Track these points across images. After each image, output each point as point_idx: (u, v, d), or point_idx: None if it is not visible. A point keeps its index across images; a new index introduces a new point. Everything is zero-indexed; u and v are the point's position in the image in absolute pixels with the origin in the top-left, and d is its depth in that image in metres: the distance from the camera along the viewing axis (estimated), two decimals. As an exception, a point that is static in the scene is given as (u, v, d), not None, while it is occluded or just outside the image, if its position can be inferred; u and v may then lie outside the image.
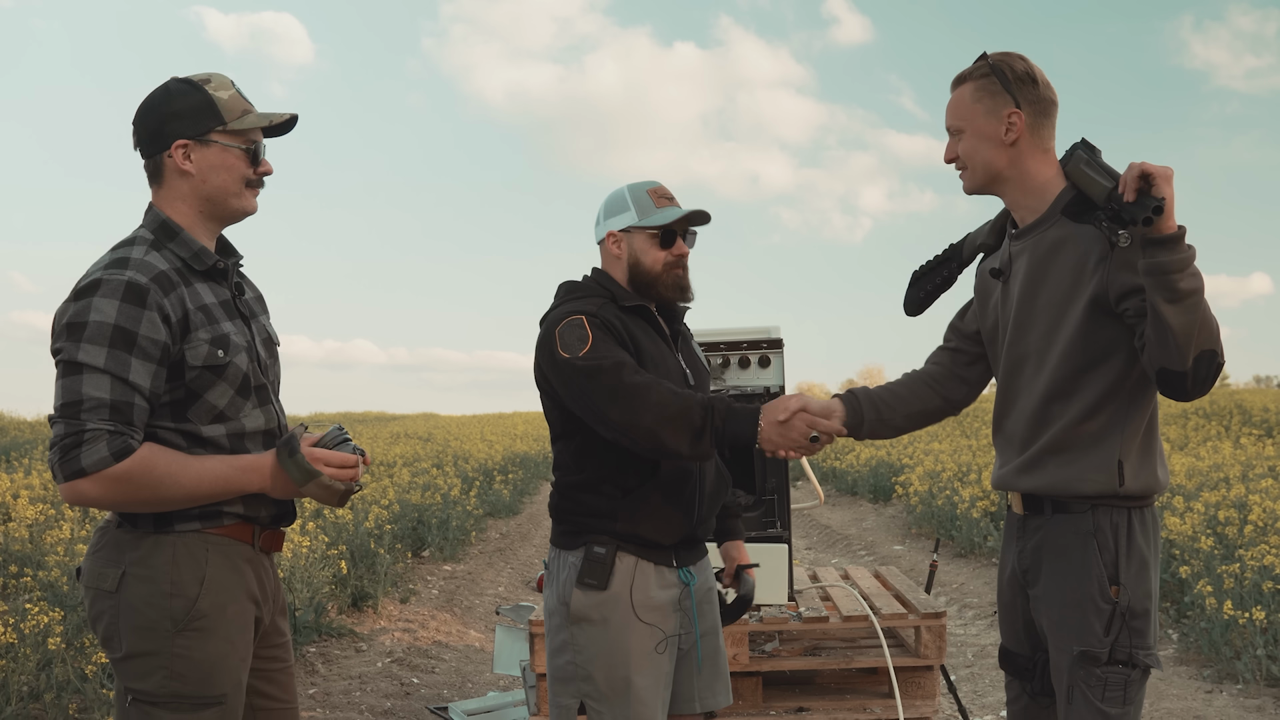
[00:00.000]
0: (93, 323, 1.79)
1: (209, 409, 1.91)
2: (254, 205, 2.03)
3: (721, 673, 2.43)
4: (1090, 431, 2.07)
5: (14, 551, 5.96)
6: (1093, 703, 2.04)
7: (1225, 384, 50.50)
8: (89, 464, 1.76)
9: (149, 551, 1.87)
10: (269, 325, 2.14)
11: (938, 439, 15.71)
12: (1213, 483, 8.14)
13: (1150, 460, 2.10)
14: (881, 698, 3.48)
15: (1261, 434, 13.36)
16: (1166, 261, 1.84)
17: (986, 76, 2.14)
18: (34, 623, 3.85)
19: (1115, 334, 2.03)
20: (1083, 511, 2.08)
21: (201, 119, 1.93)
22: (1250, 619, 4.84)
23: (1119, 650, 2.03)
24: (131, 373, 1.80)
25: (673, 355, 2.40)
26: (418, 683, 5.27)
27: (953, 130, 2.20)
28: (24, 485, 8.77)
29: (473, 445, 17.50)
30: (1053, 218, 2.11)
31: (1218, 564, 5.62)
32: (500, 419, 37.17)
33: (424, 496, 9.22)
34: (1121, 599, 2.04)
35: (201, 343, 1.88)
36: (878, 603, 3.59)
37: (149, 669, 1.85)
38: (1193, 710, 4.51)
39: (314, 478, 1.91)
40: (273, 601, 2.06)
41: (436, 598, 7.46)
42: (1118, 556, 2.05)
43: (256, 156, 1.99)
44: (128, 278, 1.82)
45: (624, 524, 2.27)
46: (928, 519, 10.02)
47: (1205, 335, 1.88)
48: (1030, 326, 2.13)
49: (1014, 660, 2.29)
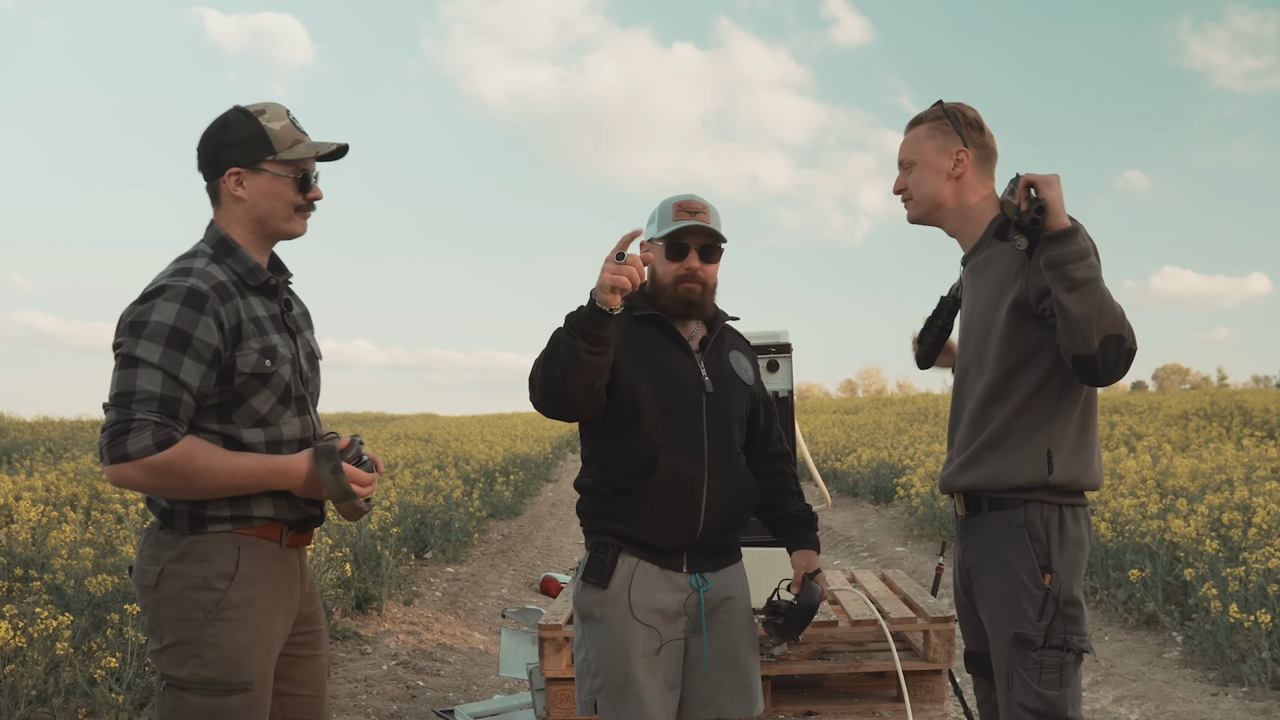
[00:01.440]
0: (153, 323, 1.93)
1: (252, 413, 2.04)
2: (303, 228, 2.15)
3: (741, 682, 2.40)
4: (1020, 427, 2.24)
5: (17, 554, 5.95)
6: (1030, 686, 2.16)
7: (1224, 384, 50.53)
8: (133, 450, 1.89)
9: (185, 550, 2.00)
10: (313, 340, 2.27)
11: (938, 440, 15.70)
12: (1215, 485, 8.14)
13: (1082, 454, 2.25)
14: (890, 701, 3.48)
15: (1263, 435, 13.36)
16: (1060, 254, 2.06)
17: (940, 119, 2.37)
18: (42, 626, 3.85)
19: (1039, 336, 2.20)
20: (1015, 507, 2.23)
21: (254, 149, 2.06)
22: (1255, 622, 4.85)
23: (1053, 635, 2.17)
24: (183, 371, 1.93)
25: (688, 363, 2.39)
26: (423, 685, 5.27)
27: (904, 164, 2.42)
28: (26, 487, 8.77)
29: (473, 446, 17.48)
30: (987, 241, 2.33)
31: (1222, 566, 5.62)
32: (500, 419, 37.19)
33: (426, 498, 9.22)
34: (1053, 585, 2.17)
35: (252, 351, 2.01)
36: (885, 606, 3.59)
37: (183, 657, 1.97)
38: (1198, 713, 4.52)
39: (350, 499, 2.04)
40: (302, 594, 2.18)
41: (440, 600, 7.46)
42: (1049, 546, 2.20)
43: (306, 183, 2.12)
44: (190, 284, 1.97)
45: (624, 526, 2.33)
46: (930, 520, 10.02)
47: (1108, 320, 2.05)
48: (970, 339, 2.34)
49: (978, 661, 2.41)
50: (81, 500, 8.37)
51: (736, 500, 2.40)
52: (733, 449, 2.40)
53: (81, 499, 8.42)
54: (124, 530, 6.36)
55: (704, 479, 2.33)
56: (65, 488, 8.87)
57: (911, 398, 40.13)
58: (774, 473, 2.57)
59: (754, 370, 2.54)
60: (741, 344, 2.57)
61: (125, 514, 7.10)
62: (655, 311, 2.40)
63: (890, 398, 45.62)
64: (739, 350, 2.53)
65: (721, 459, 2.36)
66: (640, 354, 2.34)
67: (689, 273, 2.36)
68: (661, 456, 2.30)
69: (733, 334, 2.56)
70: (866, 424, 22.88)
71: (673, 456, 2.31)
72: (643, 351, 2.35)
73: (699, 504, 2.32)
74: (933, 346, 2.64)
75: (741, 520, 2.45)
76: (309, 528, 2.19)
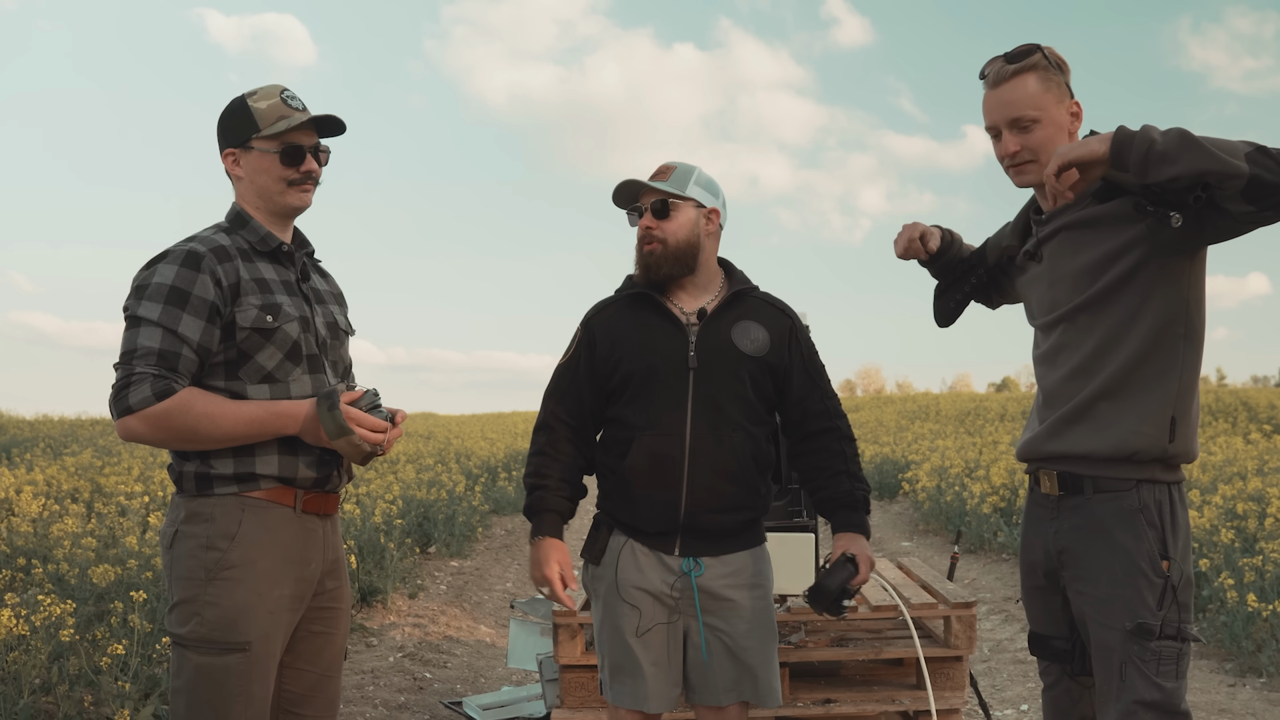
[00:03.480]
0: (154, 284, 2.05)
1: (258, 369, 2.11)
2: (302, 200, 2.21)
3: (747, 672, 2.35)
4: (1145, 377, 2.06)
5: (18, 546, 5.89)
6: (1149, 677, 2.03)
7: (1223, 384, 50.55)
8: (135, 402, 1.98)
9: (193, 512, 2.08)
10: (339, 314, 2.34)
11: (942, 436, 15.67)
12: (1227, 476, 8.10)
13: (1193, 422, 2.11)
14: (909, 689, 3.43)
15: (1270, 429, 13.33)
16: (1141, 156, 1.84)
17: (1048, 69, 2.11)
18: (45, 614, 3.79)
19: (1165, 290, 2.03)
20: (1127, 489, 2.07)
21: (242, 128, 2.17)
22: (1273, 612, 4.80)
23: (1169, 624, 2.03)
24: (181, 326, 2.02)
25: (676, 340, 2.35)
26: (430, 677, 5.22)
27: (1024, 121, 2.11)
28: (26, 481, 8.71)
29: (474, 443, 17.44)
30: (1084, 201, 2.11)
31: (1238, 557, 5.57)
32: (500, 418, 37.09)
33: (429, 493, 9.17)
34: (1172, 573, 2.04)
35: (251, 307, 2.09)
36: (905, 593, 3.54)
37: (187, 615, 2.05)
38: (1217, 704, 4.47)
39: (346, 434, 2.07)
40: (325, 565, 2.21)
41: (445, 593, 7.41)
42: (1164, 532, 2.05)
43: (292, 156, 2.17)
44: (189, 247, 2.09)
45: (613, 506, 2.37)
46: (936, 515, 9.97)
47: (1226, 145, 1.82)
48: (1064, 299, 2.13)
49: (1049, 644, 2.26)
50: (83, 494, 8.31)
51: (729, 480, 2.31)
52: (724, 428, 2.30)
53: (83, 493, 8.36)
54: (127, 522, 6.30)
55: (684, 460, 2.28)
56: (66, 482, 8.81)
57: (911, 396, 40.12)
58: (813, 451, 2.41)
59: (770, 340, 2.38)
60: (763, 312, 2.43)
61: (128, 505, 7.05)
62: (643, 290, 2.39)
63: (890, 396, 45.59)
64: (752, 319, 2.39)
65: (707, 439, 2.29)
66: (626, 338, 2.36)
67: (645, 232, 2.36)
68: (638, 439, 2.30)
69: (753, 302, 2.44)
70: (868, 421, 22.86)
71: (650, 439, 2.30)
72: (629, 335, 2.37)
73: (679, 486, 2.29)
74: (959, 305, 2.45)
75: (740, 503, 2.34)
76: (326, 490, 2.19)
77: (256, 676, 2.05)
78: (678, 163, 2.42)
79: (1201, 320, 2.10)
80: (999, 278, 2.42)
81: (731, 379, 2.33)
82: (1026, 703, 4.65)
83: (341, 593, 2.26)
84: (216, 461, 2.07)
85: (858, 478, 2.39)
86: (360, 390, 2.15)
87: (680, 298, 2.40)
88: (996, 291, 2.46)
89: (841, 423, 2.43)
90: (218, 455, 2.07)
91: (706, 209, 2.39)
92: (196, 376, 2.07)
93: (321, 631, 2.23)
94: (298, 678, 2.20)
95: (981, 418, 21.20)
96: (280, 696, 2.18)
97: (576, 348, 2.43)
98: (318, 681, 2.23)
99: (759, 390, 2.36)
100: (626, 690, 2.34)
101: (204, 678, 2.02)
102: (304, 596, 2.16)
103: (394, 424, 2.15)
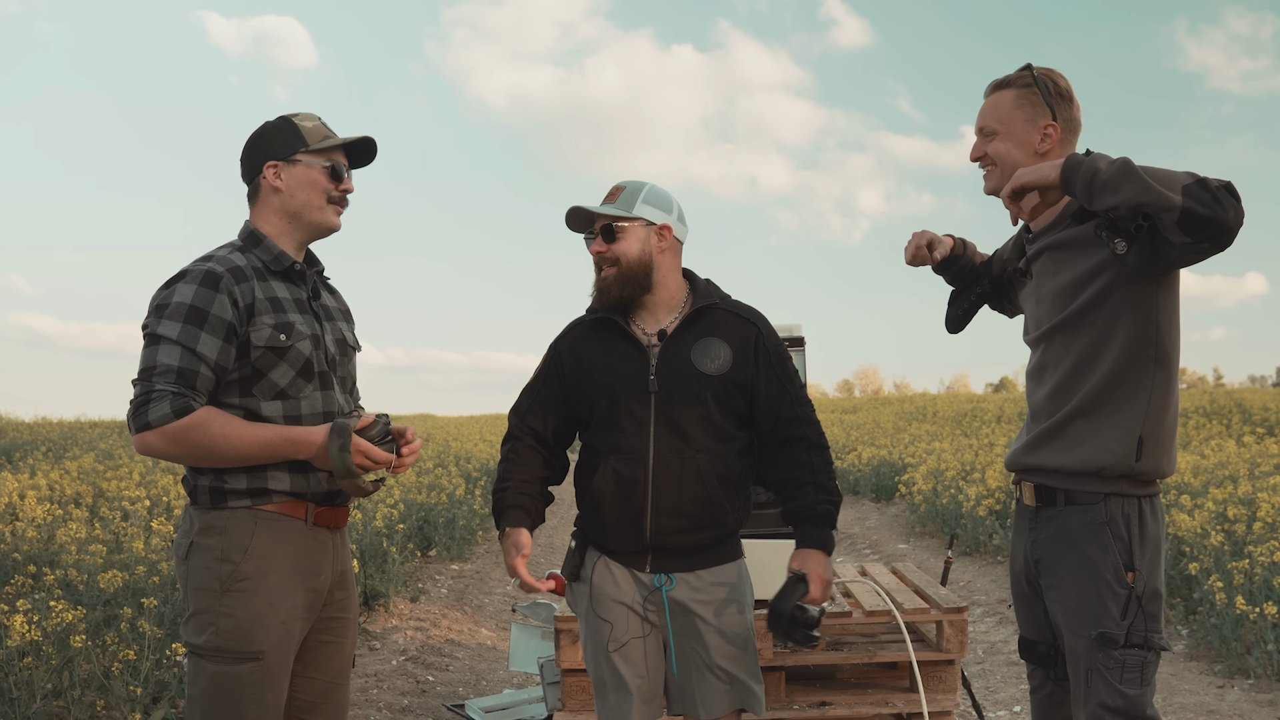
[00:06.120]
0: (174, 303, 2.10)
1: (271, 386, 2.17)
2: (335, 221, 2.31)
3: (718, 688, 2.33)
4: (1115, 398, 2.12)
5: (25, 552, 5.96)
6: (1112, 684, 2.10)
7: (1221, 384, 50.55)
8: (154, 419, 2.04)
9: (207, 524, 2.14)
10: (347, 331, 2.40)
11: (939, 438, 15.74)
12: (1218, 480, 8.17)
13: (1166, 439, 2.15)
14: (902, 692, 3.50)
15: (1264, 432, 13.41)
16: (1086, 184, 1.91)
17: (1029, 87, 2.22)
18: (57, 620, 3.86)
19: (1133, 310, 2.09)
20: (1095, 503, 2.14)
21: (290, 142, 2.25)
22: (1261, 614, 4.88)
23: (1134, 633, 2.09)
24: (200, 345, 2.08)
25: (637, 364, 2.33)
26: (433, 680, 5.29)
27: (986, 131, 2.28)
28: (30, 485, 8.77)
29: (473, 445, 17.49)
30: (1064, 223, 2.20)
31: (1227, 560, 5.65)
32: (498, 420, 37.11)
33: (429, 496, 9.23)
34: (1137, 584, 2.10)
35: (265, 326, 2.15)
36: (898, 598, 3.61)
37: (202, 626, 2.11)
38: (1205, 705, 4.55)
39: (351, 476, 2.12)
40: (334, 576, 2.28)
41: (446, 596, 7.48)
42: (1130, 544, 2.12)
43: (336, 174, 2.28)
44: (207, 267, 2.14)
45: (585, 525, 2.41)
46: (932, 518, 10.04)
47: (1166, 176, 1.86)
48: (1046, 317, 2.22)
49: (1035, 649, 2.35)
50: (86, 499, 8.37)
51: (693, 501, 2.29)
52: (687, 450, 2.28)
53: (85, 497, 8.42)
54: (131, 527, 6.37)
55: (647, 483, 2.28)
56: (69, 486, 8.87)
57: (909, 397, 40.17)
58: (782, 461, 2.36)
59: (732, 355, 2.33)
60: (726, 326, 2.36)
61: (132, 510, 7.11)
62: (603, 314, 2.39)
63: (888, 397, 45.66)
64: (715, 335, 2.34)
65: (670, 461, 2.28)
66: (590, 364, 2.37)
67: (597, 257, 2.37)
68: (603, 463, 2.32)
69: (717, 315, 2.38)
70: (865, 423, 22.92)
71: (615, 461, 2.30)
72: (592, 361, 2.37)
73: (644, 508, 2.29)
74: (967, 313, 2.52)
75: (707, 523, 2.30)
76: (336, 504, 2.26)
77: (270, 685, 2.12)
78: (628, 182, 2.41)
79: (1174, 343, 2.16)
80: (1006, 289, 2.50)
81: (693, 400, 2.29)
82: (1019, 704, 4.73)
83: (349, 603, 2.34)
84: (230, 476, 2.13)
85: (825, 488, 2.31)
86: (371, 416, 2.16)
87: (643, 318, 2.39)
88: (1008, 301, 2.53)
89: (811, 430, 2.35)
90: (231, 470, 2.13)
91: (657, 225, 2.36)
92: (212, 394, 2.13)
93: (330, 641, 2.30)
94: (308, 686, 2.27)
95: (978, 419, 21.28)
96: (291, 704, 2.26)
97: (546, 368, 2.45)
98: (327, 689, 2.30)
99: (724, 408, 2.32)
100: (610, 706, 2.36)
101: (219, 686, 2.08)
102: (315, 606, 2.23)
103: (405, 442, 2.21)
